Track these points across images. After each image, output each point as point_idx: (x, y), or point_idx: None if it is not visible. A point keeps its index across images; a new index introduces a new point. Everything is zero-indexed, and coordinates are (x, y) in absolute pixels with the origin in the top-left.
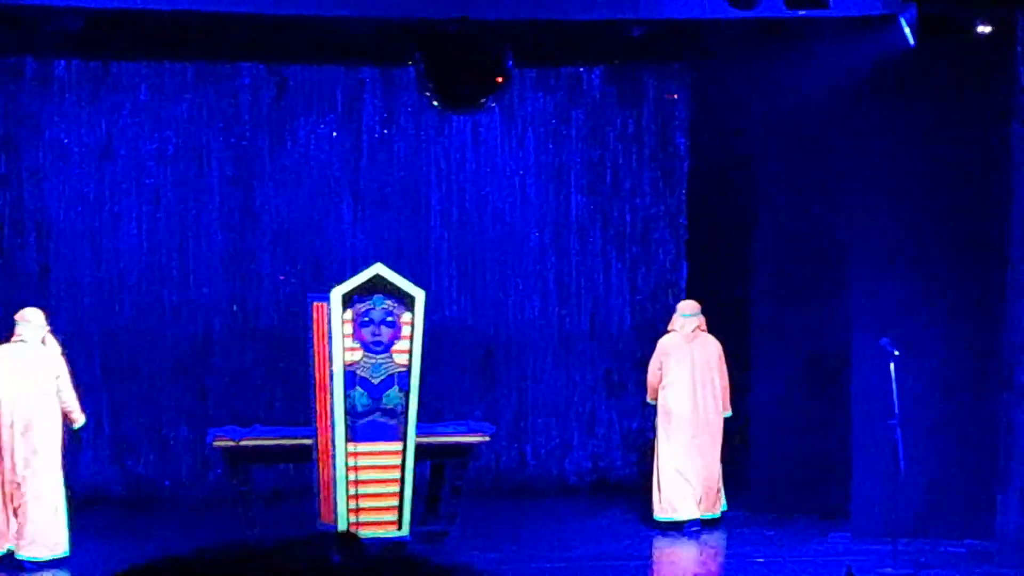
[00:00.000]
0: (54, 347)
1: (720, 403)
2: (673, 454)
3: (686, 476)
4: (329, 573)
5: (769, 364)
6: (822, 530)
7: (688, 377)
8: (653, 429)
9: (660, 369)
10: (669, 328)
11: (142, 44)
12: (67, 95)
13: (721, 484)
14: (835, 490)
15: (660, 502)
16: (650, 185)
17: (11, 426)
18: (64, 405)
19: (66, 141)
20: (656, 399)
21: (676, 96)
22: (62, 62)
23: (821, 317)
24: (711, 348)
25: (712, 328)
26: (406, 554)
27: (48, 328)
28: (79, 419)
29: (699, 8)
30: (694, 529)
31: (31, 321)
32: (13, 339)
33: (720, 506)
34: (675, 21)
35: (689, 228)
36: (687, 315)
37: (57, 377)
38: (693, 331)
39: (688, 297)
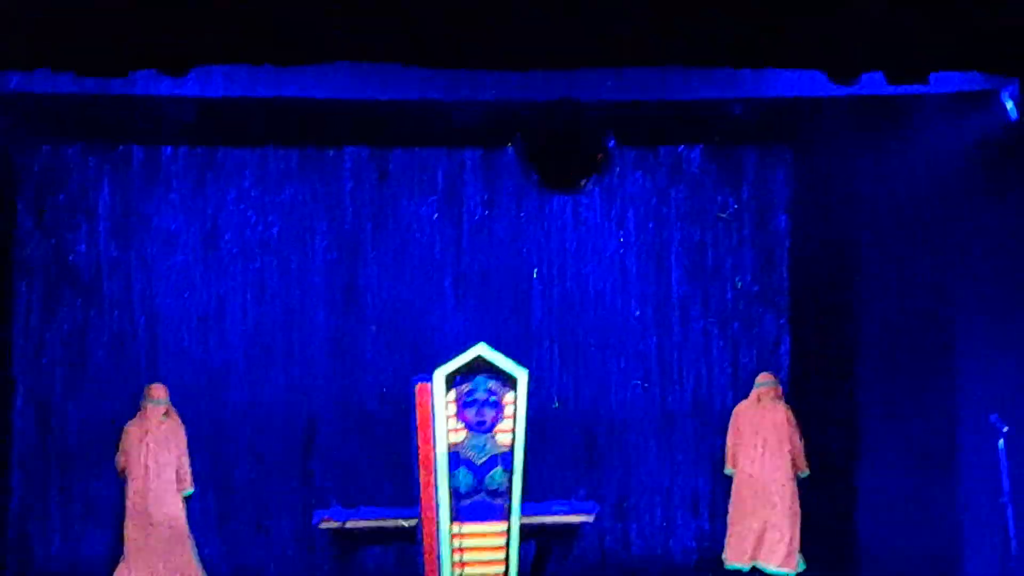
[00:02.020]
0: (177, 419)
1: (790, 464)
2: (742, 509)
3: (754, 529)
4: None
5: (876, 440)
6: None
7: (757, 439)
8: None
9: (735, 435)
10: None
11: (247, 131)
12: (173, 182)
13: (797, 543)
14: (945, 566)
15: (729, 550)
16: (751, 263)
17: (149, 491)
18: (182, 471)
19: (173, 228)
20: (732, 467)
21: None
22: (168, 149)
23: (929, 392)
24: (779, 412)
25: (817, 405)
26: None
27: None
28: (190, 487)
29: (800, 85)
30: None
31: (156, 395)
32: (141, 412)
33: (797, 565)
34: (776, 99)
35: (791, 306)
36: (758, 385)
37: (178, 446)
38: (760, 398)
39: (792, 376)
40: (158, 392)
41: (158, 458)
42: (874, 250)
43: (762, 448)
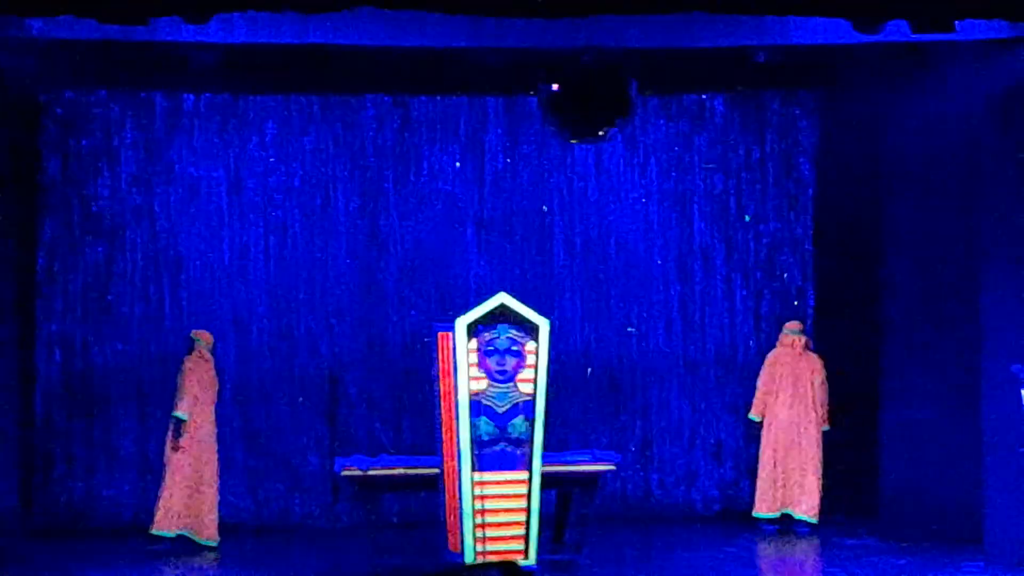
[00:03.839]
0: None
1: (818, 416)
2: (772, 457)
3: (782, 478)
4: None
5: (899, 391)
6: (954, 559)
7: (791, 387)
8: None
9: (768, 382)
10: (778, 344)
11: (269, 78)
12: (196, 129)
13: (819, 493)
14: (967, 518)
15: (759, 500)
16: (775, 211)
17: (208, 428)
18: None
19: (196, 174)
20: (759, 414)
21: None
22: (191, 96)
23: (952, 345)
24: (815, 364)
25: (841, 355)
26: None
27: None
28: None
29: (824, 33)
30: (806, 528)
31: (208, 340)
32: (198, 355)
33: (817, 514)
34: (800, 47)
35: (815, 255)
36: (790, 332)
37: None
38: (795, 345)
39: (817, 324)
40: (209, 337)
41: (214, 398)
42: (899, 197)
43: (796, 396)
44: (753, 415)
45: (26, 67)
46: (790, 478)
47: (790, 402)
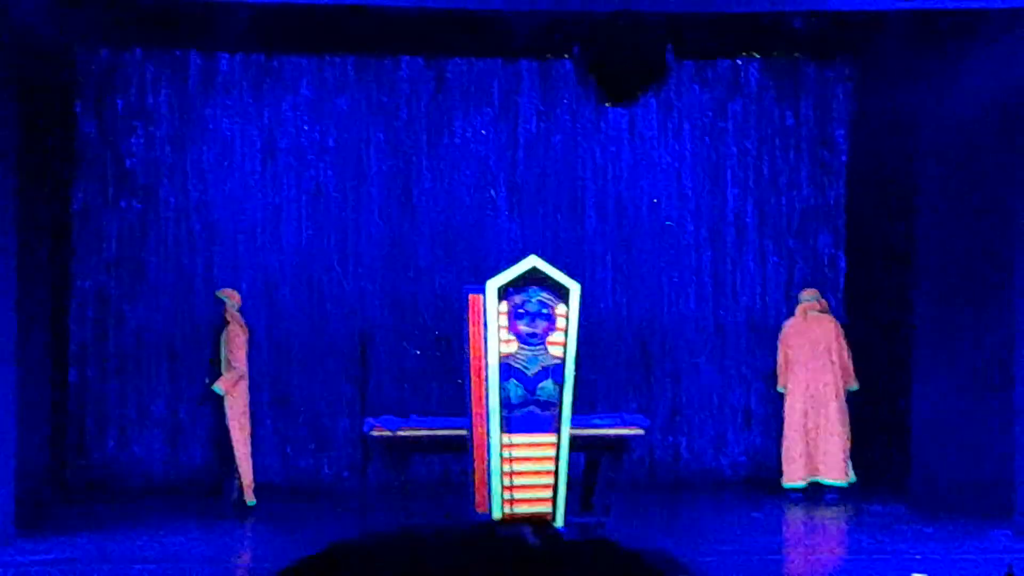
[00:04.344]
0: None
1: (839, 378)
2: (796, 425)
3: (807, 446)
4: (526, 555)
5: (931, 361)
6: (983, 528)
7: (807, 353)
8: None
9: (784, 353)
10: (796, 313)
11: (303, 38)
12: (231, 89)
13: (848, 455)
14: (997, 488)
15: (787, 471)
16: (808, 179)
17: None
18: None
19: (229, 134)
20: (784, 385)
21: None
22: (225, 56)
23: (985, 314)
24: (828, 326)
25: (873, 324)
26: (600, 538)
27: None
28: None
29: None
30: (834, 495)
31: (239, 300)
32: (233, 316)
33: (849, 476)
34: (837, 13)
35: (848, 223)
36: (802, 300)
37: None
38: (806, 312)
39: (847, 292)
40: (237, 297)
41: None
42: (934, 168)
43: (812, 362)
44: (780, 387)
45: (62, 26)
46: (816, 445)
47: (809, 368)
